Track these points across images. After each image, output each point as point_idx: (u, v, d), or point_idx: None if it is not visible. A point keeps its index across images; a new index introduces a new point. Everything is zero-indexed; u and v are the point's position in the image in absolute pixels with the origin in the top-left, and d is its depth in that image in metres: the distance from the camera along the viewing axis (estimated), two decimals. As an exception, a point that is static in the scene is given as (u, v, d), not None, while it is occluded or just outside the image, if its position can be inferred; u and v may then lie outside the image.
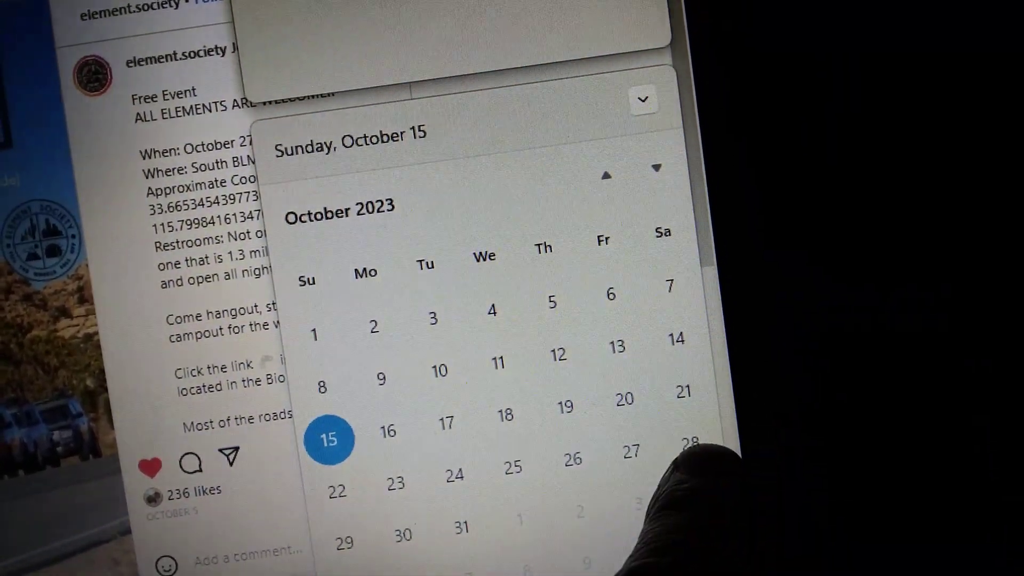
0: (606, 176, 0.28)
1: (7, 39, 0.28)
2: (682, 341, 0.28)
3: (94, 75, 0.28)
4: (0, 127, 0.28)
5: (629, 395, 0.28)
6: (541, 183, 0.28)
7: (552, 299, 0.28)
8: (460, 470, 0.28)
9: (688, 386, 0.28)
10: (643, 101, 0.28)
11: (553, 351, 0.28)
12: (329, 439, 0.29)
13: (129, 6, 0.28)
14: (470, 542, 0.29)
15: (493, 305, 0.28)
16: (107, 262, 0.28)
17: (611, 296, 0.28)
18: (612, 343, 0.28)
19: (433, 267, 0.28)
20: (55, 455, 0.29)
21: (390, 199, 0.28)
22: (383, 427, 0.28)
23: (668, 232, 0.28)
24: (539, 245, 0.28)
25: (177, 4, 0.28)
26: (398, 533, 0.29)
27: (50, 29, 0.28)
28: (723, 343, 0.28)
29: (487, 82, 0.28)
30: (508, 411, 0.28)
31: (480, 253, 0.28)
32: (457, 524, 0.29)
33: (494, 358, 0.28)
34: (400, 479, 0.29)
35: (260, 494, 0.29)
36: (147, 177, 0.28)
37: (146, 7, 0.28)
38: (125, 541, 0.29)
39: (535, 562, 0.28)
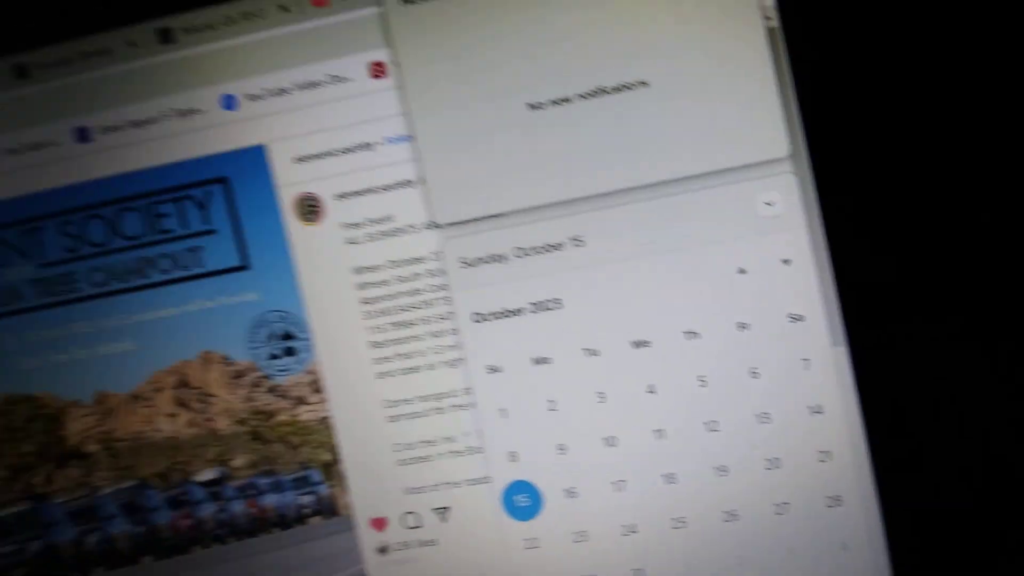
0: (741, 271, 0.38)
1: (239, 181, 0.41)
2: (820, 412, 0.38)
3: (310, 208, 0.41)
4: (239, 253, 0.42)
5: (776, 460, 0.38)
6: (686, 279, 0.38)
7: (702, 378, 0.39)
8: (634, 525, 0.40)
9: (829, 452, 0.38)
10: (770, 205, 0.37)
11: (705, 423, 0.39)
12: (522, 500, 0.41)
13: (333, 150, 0.40)
14: (645, 583, 0.40)
15: (651, 385, 0.39)
16: (333, 359, 0.41)
17: (754, 375, 0.38)
18: (758, 415, 0.38)
19: (597, 354, 0.39)
20: (301, 516, 0.43)
21: (558, 298, 0.39)
22: (566, 489, 0.40)
23: (800, 317, 0.38)
24: (687, 332, 0.39)
25: (371, 147, 0.40)
26: (583, 576, 0.41)
27: (270, 172, 0.41)
28: (857, 411, 0.38)
29: (635, 196, 0.38)
30: (671, 475, 0.39)
31: (637, 341, 0.39)
32: (634, 571, 0.40)
33: (655, 430, 0.39)
34: (583, 533, 0.40)
35: (468, 545, 0.41)
36: (358, 289, 0.41)
37: (347, 151, 0.40)
38: (362, 581, 0.43)
39: None
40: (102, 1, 0.39)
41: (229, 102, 0.38)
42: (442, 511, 0.39)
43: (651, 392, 0.37)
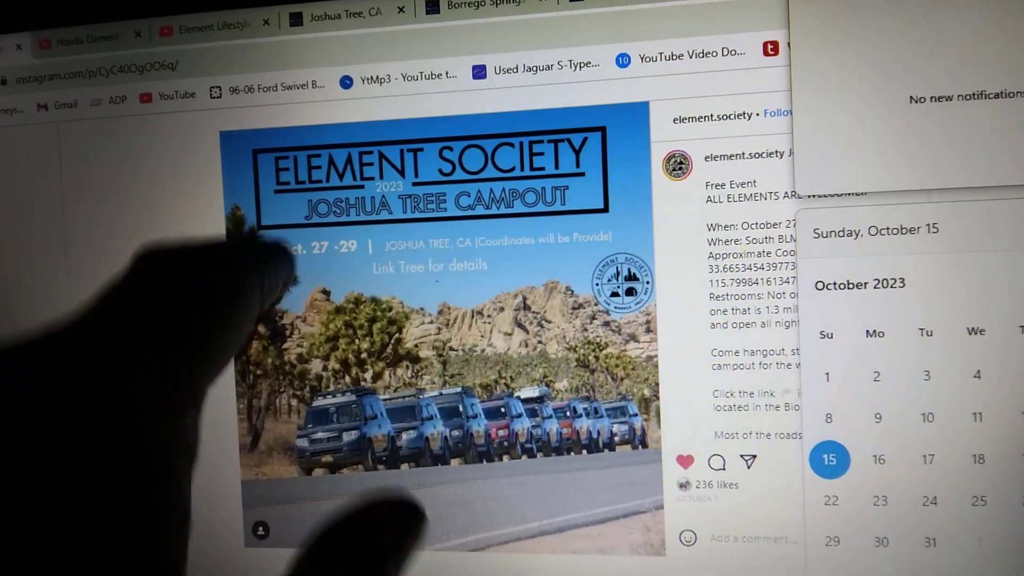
0: (1095, 278, 0.40)
1: (615, 131, 0.45)
2: None
3: (678, 165, 0.44)
4: (602, 196, 0.45)
5: (1095, 457, 0.40)
6: (1034, 278, 0.41)
7: (1033, 372, 0.41)
8: (935, 497, 0.42)
9: None
10: None
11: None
12: (829, 459, 0.43)
13: (712, 115, 0.44)
14: (937, 556, 0.42)
15: (979, 371, 0.42)
16: (671, 304, 0.45)
17: (1088, 375, 0.40)
18: (1084, 413, 0.40)
19: (932, 335, 0.42)
20: (612, 442, 0.46)
21: (902, 278, 0.42)
22: (875, 455, 0.43)
23: None
24: (1023, 327, 0.41)
25: (749, 117, 0.44)
26: (877, 540, 0.43)
27: (648, 127, 0.45)
28: None
29: (997, 193, 0.41)
30: (980, 456, 0.42)
31: (973, 328, 0.42)
32: (927, 540, 0.42)
33: (974, 412, 0.42)
34: (884, 498, 0.43)
35: (769, 494, 0.44)
36: (709, 244, 0.44)
37: (725, 117, 0.44)
38: (657, 514, 0.45)
39: None
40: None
41: (623, 60, 0.42)
42: (749, 458, 0.42)
43: (977, 377, 0.39)
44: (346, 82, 0.45)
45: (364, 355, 0.45)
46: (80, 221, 0.47)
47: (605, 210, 0.43)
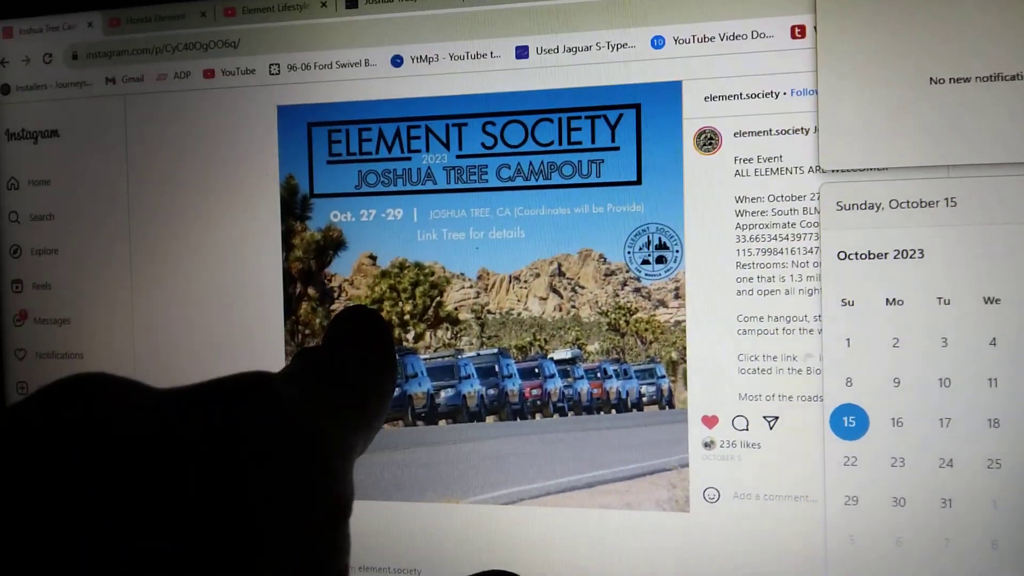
0: (1107, 250, 0.42)
1: (649, 109, 0.48)
2: None
3: (709, 140, 0.47)
4: (635, 170, 0.48)
5: (1105, 422, 0.42)
6: (1048, 250, 0.43)
7: (1046, 340, 0.43)
8: (951, 460, 0.44)
9: None
10: None
11: (1042, 379, 0.43)
12: (849, 421, 0.45)
13: (741, 94, 0.46)
14: (951, 515, 0.44)
15: (994, 338, 0.43)
16: (699, 272, 0.47)
17: (1099, 343, 0.42)
18: (1095, 380, 0.42)
19: (949, 304, 0.44)
20: (640, 403, 0.49)
21: (921, 249, 0.44)
22: (893, 418, 0.44)
23: None
24: None
25: (777, 96, 0.46)
26: (895, 500, 0.45)
27: (680, 105, 0.47)
28: None
29: (1014, 170, 0.43)
30: (995, 420, 0.43)
31: (989, 297, 0.43)
32: (943, 501, 0.44)
33: (990, 378, 0.43)
34: (902, 459, 0.44)
35: (790, 454, 0.46)
36: (737, 215, 0.46)
37: (754, 96, 0.46)
38: (682, 472, 0.47)
39: (1003, 537, 0.43)
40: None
41: (658, 42, 0.44)
42: (771, 420, 0.44)
43: (992, 344, 0.41)
44: (396, 61, 0.47)
45: (407, 317, 0.48)
46: (143, 187, 0.50)
47: (638, 182, 0.45)
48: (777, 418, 0.43)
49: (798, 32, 0.42)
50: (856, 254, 0.42)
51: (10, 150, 0.52)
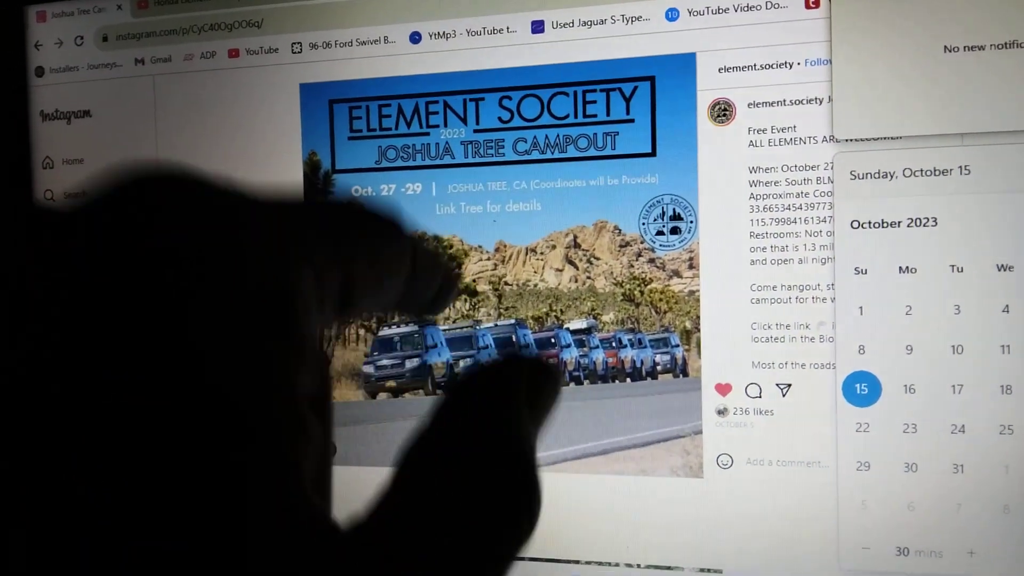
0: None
1: (664, 81, 0.48)
2: None
3: (723, 111, 0.47)
4: (650, 142, 0.48)
5: (1118, 388, 0.42)
6: (1062, 217, 0.42)
7: (1059, 306, 0.43)
8: (963, 426, 0.44)
9: None
10: None
11: (1055, 346, 0.43)
12: (861, 388, 0.45)
13: (755, 64, 0.47)
14: (963, 480, 0.44)
15: (1007, 305, 0.43)
16: (713, 242, 0.47)
17: (1112, 309, 0.42)
18: (1108, 346, 0.42)
19: (962, 271, 0.44)
20: (655, 371, 0.49)
21: (934, 217, 0.44)
22: (905, 385, 0.45)
23: None
24: None
25: (791, 66, 0.46)
26: (907, 466, 0.45)
27: (695, 77, 0.47)
28: None
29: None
30: (1008, 387, 0.43)
31: (1002, 264, 0.43)
32: (954, 466, 0.44)
33: (1002, 345, 0.43)
34: (914, 425, 0.45)
35: (803, 420, 0.46)
36: (750, 186, 0.47)
37: (768, 66, 0.46)
38: (696, 439, 0.48)
39: (1015, 501, 0.44)
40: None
41: (672, 14, 0.45)
42: (784, 387, 0.44)
43: (1005, 312, 0.41)
44: (415, 37, 0.48)
45: (426, 290, 0.49)
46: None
47: (653, 154, 0.45)
48: (790, 385, 0.44)
49: (812, 2, 0.42)
50: (869, 223, 0.42)
51: (45, 130, 0.54)
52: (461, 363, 0.47)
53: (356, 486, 0.49)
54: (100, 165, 0.50)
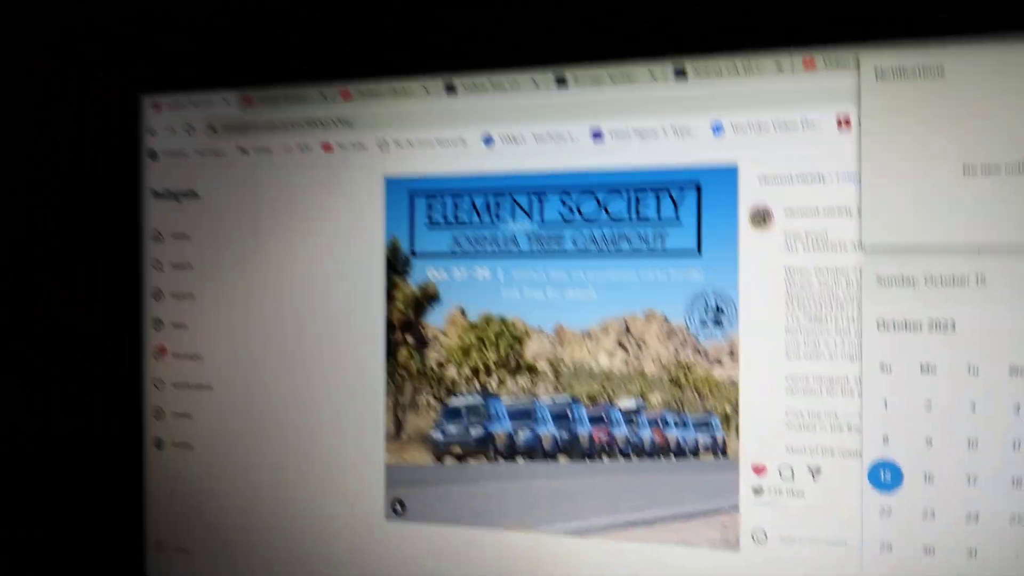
0: None
1: (708, 187, 0.54)
2: None
3: (762, 217, 0.52)
4: (696, 241, 0.54)
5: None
6: (1072, 327, 0.47)
7: (1069, 409, 0.47)
8: (978, 514, 0.48)
9: None
10: None
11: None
12: (885, 475, 0.50)
13: (792, 176, 0.52)
14: (979, 566, 0.48)
15: (1019, 405, 0.48)
16: (752, 334, 0.52)
17: (1118, 414, 0.46)
18: (1114, 448, 0.46)
19: (978, 372, 0.48)
20: (697, 450, 0.55)
21: (953, 321, 0.48)
22: (925, 474, 0.49)
23: None
24: None
25: (824, 179, 0.51)
26: (925, 549, 0.49)
27: (736, 185, 0.53)
28: None
29: None
30: (1019, 480, 0.47)
31: (1014, 367, 0.47)
32: (970, 551, 0.48)
33: (1014, 441, 0.47)
34: (932, 512, 0.49)
35: (830, 502, 0.51)
36: (786, 285, 0.51)
37: (803, 178, 0.52)
38: (733, 514, 0.52)
39: None
40: (631, 39, 0.52)
41: (717, 129, 0.51)
42: (815, 470, 0.49)
43: (1017, 411, 0.45)
44: (488, 140, 0.55)
45: (491, 365, 0.55)
46: (269, 244, 0.59)
47: (698, 252, 0.51)
48: (820, 469, 0.48)
49: (844, 123, 0.48)
50: (894, 324, 0.47)
51: (156, 207, 0.62)
52: (520, 433, 0.53)
53: (423, 544, 0.55)
54: (204, 241, 0.58)
